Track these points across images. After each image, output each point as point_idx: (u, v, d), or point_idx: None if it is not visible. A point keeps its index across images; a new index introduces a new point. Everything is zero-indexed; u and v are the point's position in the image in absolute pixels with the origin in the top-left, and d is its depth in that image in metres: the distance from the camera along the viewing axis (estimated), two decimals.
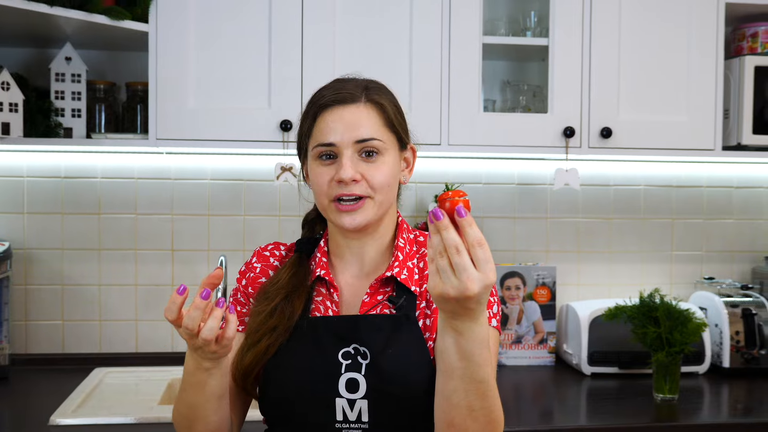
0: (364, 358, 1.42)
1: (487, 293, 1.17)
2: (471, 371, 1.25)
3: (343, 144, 1.44)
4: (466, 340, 1.22)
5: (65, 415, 2.14)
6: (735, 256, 3.07)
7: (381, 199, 1.46)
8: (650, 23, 2.57)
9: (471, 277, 1.14)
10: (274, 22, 2.43)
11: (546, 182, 2.95)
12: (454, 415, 1.30)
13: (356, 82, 1.50)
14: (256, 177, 2.81)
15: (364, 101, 1.47)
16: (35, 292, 2.75)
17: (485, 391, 1.28)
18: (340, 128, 1.44)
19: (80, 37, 2.54)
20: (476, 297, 1.15)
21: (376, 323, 1.45)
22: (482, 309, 1.20)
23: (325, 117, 1.46)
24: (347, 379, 1.41)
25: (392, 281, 1.50)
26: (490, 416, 1.31)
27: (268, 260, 1.60)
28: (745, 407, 2.45)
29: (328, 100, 1.47)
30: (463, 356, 1.24)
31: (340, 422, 1.41)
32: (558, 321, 2.87)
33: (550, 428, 2.18)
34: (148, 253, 2.78)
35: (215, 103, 2.43)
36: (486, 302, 1.19)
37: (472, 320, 1.20)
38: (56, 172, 2.74)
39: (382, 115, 1.48)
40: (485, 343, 1.24)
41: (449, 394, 1.28)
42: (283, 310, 1.48)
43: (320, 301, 1.51)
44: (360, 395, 1.40)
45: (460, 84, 2.49)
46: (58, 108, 2.53)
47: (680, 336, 2.35)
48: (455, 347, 1.23)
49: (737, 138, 2.65)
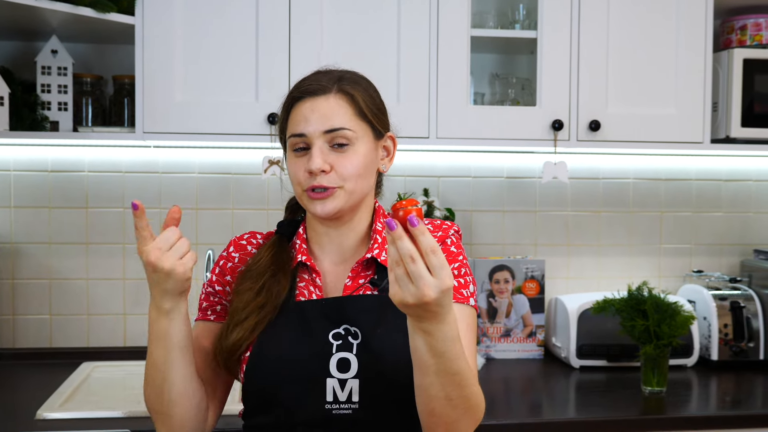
0: (355, 338, 1.44)
1: (446, 297, 1.19)
2: (445, 366, 1.27)
3: (313, 135, 1.46)
4: (436, 340, 1.24)
5: (53, 409, 2.13)
6: (724, 249, 3.08)
7: (351, 188, 1.47)
8: (639, 16, 2.57)
9: (427, 283, 1.17)
10: (262, 15, 2.41)
11: (535, 176, 2.95)
12: (434, 406, 1.32)
13: (331, 74, 1.52)
14: (243, 170, 2.80)
15: (335, 92, 1.48)
16: (22, 286, 2.73)
17: (461, 381, 1.30)
18: (311, 119, 1.46)
19: (66, 30, 2.52)
20: (435, 302, 1.18)
21: (365, 304, 1.47)
22: (447, 311, 1.22)
23: (298, 108, 1.49)
24: (339, 358, 1.42)
25: (373, 263, 1.52)
26: (468, 403, 1.33)
27: (245, 248, 1.60)
28: (733, 400, 2.46)
29: (300, 92, 1.50)
30: (435, 354, 1.26)
31: (330, 403, 1.41)
32: (547, 314, 2.87)
33: (539, 421, 2.18)
34: (135, 247, 2.75)
35: (203, 96, 2.42)
36: (449, 305, 1.21)
37: (438, 322, 1.22)
38: (43, 165, 2.73)
39: (353, 105, 1.49)
40: (456, 339, 1.27)
41: (426, 388, 1.31)
42: (270, 287, 1.49)
43: (303, 286, 1.52)
44: (351, 375, 1.41)
45: (449, 77, 2.49)
46: (45, 101, 2.51)
47: (668, 329, 2.35)
48: (426, 347, 1.25)
49: (726, 131, 2.66)
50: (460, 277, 1.50)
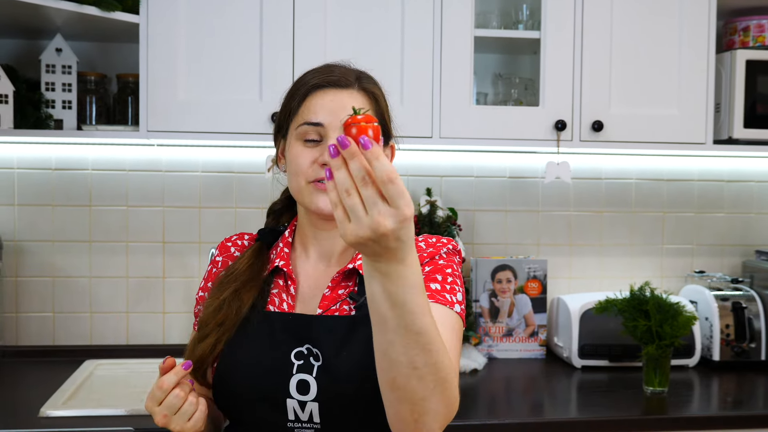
0: (317, 359, 1.39)
1: (406, 229, 1.04)
2: (406, 321, 1.11)
3: (331, 126, 1.41)
4: (394, 284, 1.08)
5: (56, 407, 2.13)
6: (726, 250, 3.08)
7: None
8: (642, 17, 2.57)
9: (382, 212, 1.01)
10: (266, 14, 2.42)
11: (537, 175, 2.96)
12: (395, 375, 1.15)
13: (347, 69, 1.48)
14: (247, 169, 2.80)
15: (357, 88, 1.45)
16: (26, 284, 2.74)
17: (426, 344, 1.13)
18: (331, 109, 1.41)
19: (71, 29, 2.52)
20: (393, 234, 1.02)
21: (333, 324, 1.41)
22: (407, 248, 1.06)
23: (317, 97, 1.43)
24: (298, 380, 1.38)
25: (355, 274, 1.47)
26: (437, 374, 1.15)
27: (229, 251, 1.59)
28: (734, 400, 2.46)
29: (321, 81, 1.44)
30: (394, 303, 1.10)
31: (292, 422, 1.39)
32: (549, 314, 2.88)
33: (541, 421, 2.18)
34: (139, 245, 2.78)
35: (206, 95, 2.42)
36: (409, 241, 1.06)
37: (397, 261, 1.07)
38: (47, 163, 2.73)
39: (375, 105, 1.46)
40: (418, 289, 1.11)
41: (386, 349, 1.14)
42: (230, 304, 1.45)
43: (276, 293, 1.49)
44: (311, 398, 1.37)
45: (452, 77, 2.49)
46: (49, 99, 2.52)
47: (670, 329, 2.35)
48: (383, 293, 1.10)
49: (728, 132, 2.66)
50: (444, 282, 1.42)
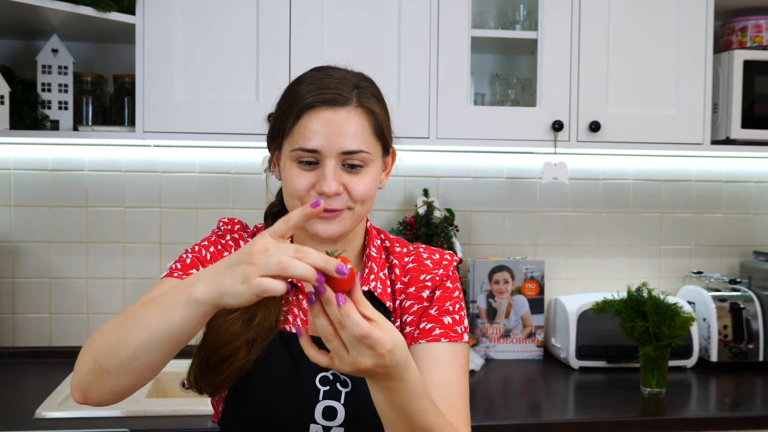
0: (344, 386, 1.35)
1: (390, 357, 1.06)
2: (411, 422, 1.16)
3: (327, 152, 1.30)
4: (395, 396, 1.13)
5: (52, 409, 2.13)
6: (723, 251, 3.08)
7: (360, 210, 1.35)
8: (639, 17, 2.57)
9: (361, 353, 1.05)
10: (262, 14, 2.41)
11: (535, 176, 2.95)
12: None
13: (345, 79, 1.35)
14: (243, 170, 2.80)
15: (355, 105, 1.32)
16: (22, 285, 2.73)
17: None
18: (327, 134, 1.30)
19: (67, 29, 2.52)
20: (377, 367, 1.06)
21: None
22: (400, 368, 1.09)
23: (310, 118, 1.31)
24: (325, 406, 1.33)
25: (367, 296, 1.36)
26: None
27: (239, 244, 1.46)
28: (732, 401, 2.46)
29: (315, 100, 1.31)
30: (398, 410, 1.14)
31: None
32: (546, 315, 2.87)
33: (538, 422, 2.18)
34: (136, 246, 2.77)
35: (203, 95, 2.41)
36: (402, 362, 1.09)
37: (393, 380, 1.11)
38: (43, 164, 2.73)
39: (373, 122, 1.35)
40: (421, 395, 1.15)
41: None
42: (261, 321, 1.34)
43: (287, 310, 1.40)
44: (337, 423, 1.33)
45: (449, 77, 2.49)
46: (45, 100, 2.51)
47: (668, 330, 2.35)
48: (386, 402, 1.14)
49: (726, 132, 2.66)
50: (455, 313, 1.40)
